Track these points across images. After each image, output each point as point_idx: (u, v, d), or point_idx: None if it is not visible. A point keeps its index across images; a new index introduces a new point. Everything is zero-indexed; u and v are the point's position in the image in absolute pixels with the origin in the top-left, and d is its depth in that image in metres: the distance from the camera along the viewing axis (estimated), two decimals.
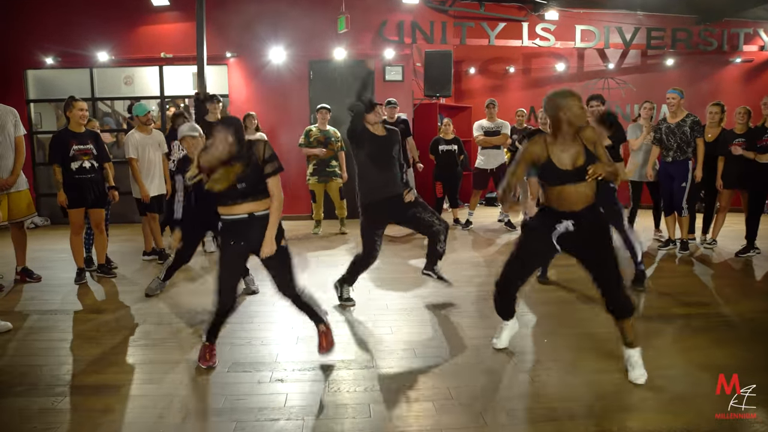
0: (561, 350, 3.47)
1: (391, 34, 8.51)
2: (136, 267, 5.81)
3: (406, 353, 3.43)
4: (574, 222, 2.97)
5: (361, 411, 2.71)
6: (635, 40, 8.92)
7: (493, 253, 6.33)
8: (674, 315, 4.08)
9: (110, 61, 8.32)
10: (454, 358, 3.36)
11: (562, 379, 3.06)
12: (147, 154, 5.89)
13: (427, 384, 3.01)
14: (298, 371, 3.19)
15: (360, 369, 3.21)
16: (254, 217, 3.07)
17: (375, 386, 2.98)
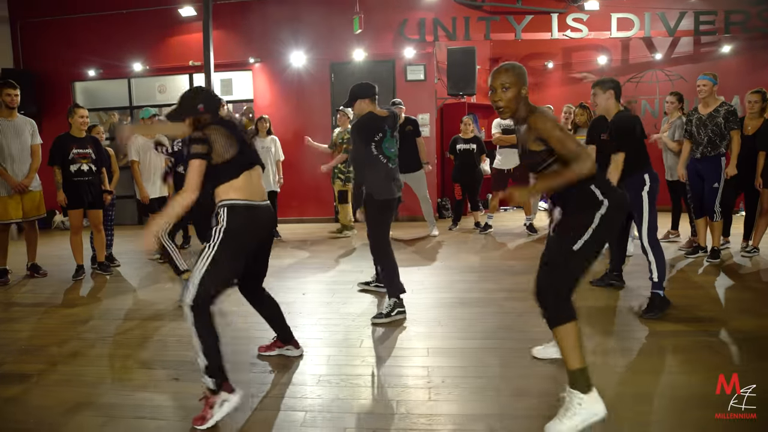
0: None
1: (412, 32, 8.31)
2: (138, 266, 6.00)
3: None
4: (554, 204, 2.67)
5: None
6: (681, 26, 8.13)
7: (496, 258, 5.95)
8: (654, 332, 3.59)
9: (145, 71, 8.75)
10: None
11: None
12: (149, 156, 6.07)
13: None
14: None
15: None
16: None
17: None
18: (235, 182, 2.64)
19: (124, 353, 3.43)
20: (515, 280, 4.93)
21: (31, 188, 5.43)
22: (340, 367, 3.11)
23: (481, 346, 3.36)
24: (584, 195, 2.45)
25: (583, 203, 2.45)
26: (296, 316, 3.99)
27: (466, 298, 4.39)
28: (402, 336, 3.58)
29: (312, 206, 8.54)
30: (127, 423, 2.54)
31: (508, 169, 7.17)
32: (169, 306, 4.40)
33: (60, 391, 2.90)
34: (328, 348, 3.39)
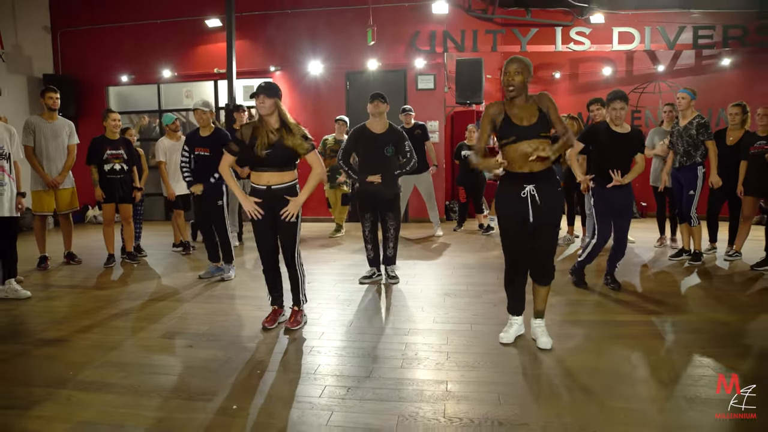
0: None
1: (423, 44, 8.79)
2: (162, 257, 6.58)
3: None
4: (535, 186, 3.22)
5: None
6: (681, 39, 8.44)
7: (492, 257, 6.38)
8: (612, 321, 4.00)
9: (173, 77, 9.40)
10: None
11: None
12: (174, 158, 6.65)
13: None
14: (207, 341, 3.62)
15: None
16: (271, 189, 3.64)
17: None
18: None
19: (145, 326, 3.97)
20: (500, 275, 5.35)
21: (64, 186, 6.04)
22: (330, 341, 3.60)
23: (454, 329, 3.81)
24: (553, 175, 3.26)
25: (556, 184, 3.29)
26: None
27: (451, 290, 4.84)
28: (389, 318, 4.06)
29: (314, 207, 8.97)
30: (143, 377, 3.06)
31: None
32: (188, 289, 4.95)
33: (90, 352, 3.45)
34: (321, 327, 3.87)
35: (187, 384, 2.97)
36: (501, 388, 2.87)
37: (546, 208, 3.24)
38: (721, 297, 4.56)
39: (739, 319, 3.99)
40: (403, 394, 2.82)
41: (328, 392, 2.85)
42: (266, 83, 3.65)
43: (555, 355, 3.29)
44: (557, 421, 2.51)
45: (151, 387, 2.92)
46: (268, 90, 3.59)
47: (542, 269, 3.37)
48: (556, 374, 3.03)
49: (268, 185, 3.65)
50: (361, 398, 2.78)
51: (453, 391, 2.84)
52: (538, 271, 3.39)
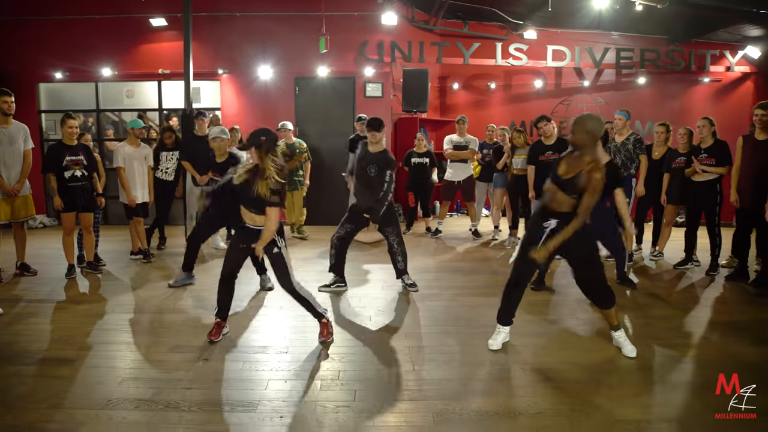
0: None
1: (372, 53, 9.12)
2: (123, 265, 6.49)
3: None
4: (558, 221, 3.56)
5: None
6: (605, 59, 9.37)
7: (448, 260, 6.85)
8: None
9: (113, 76, 9.09)
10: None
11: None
12: (134, 165, 6.57)
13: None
14: (219, 352, 3.80)
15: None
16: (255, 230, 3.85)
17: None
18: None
19: (150, 340, 4.05)
20: (466, 279, 5.85)
21: (21, 193, 5.82)
22: (296, 361, 3.89)
23: (442, 331, 4.22)
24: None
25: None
26: (288, 309, 4.71)
27: (425, 294, 5.25)
28: (373, 321, 4.40)
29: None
30: (176, 392, 3.21)
31: (458, 181, 8.11)
32: (171, 301, 5.01)
33: (106, 370, 3.52)
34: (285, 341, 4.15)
35: (224, 395, 3.16)
36: (511, 382, 3.31)
37: (572, 244, 3.57)
38: (658, 294, 5.29)
39: (677, 313, 4.71)
40: (428, 393, 3.18)
41: (360, 396, 3.16)
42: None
43: (530, 352, 3.79)
44: (566, 408, 2.98)
45: (190, 401, 3.09)
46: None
47: (598, 296, 3.72)
48: (541, 368, 3.52)
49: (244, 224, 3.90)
50: (391, 399, 3.11)
51: (470, 387, 3.24)
52: (596, 299, 3.75)
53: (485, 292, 5.32)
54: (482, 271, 6.23)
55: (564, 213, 3.55)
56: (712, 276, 5.97)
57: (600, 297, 3.73)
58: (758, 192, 5.31)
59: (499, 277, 5.97)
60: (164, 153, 7.20)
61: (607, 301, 3.72)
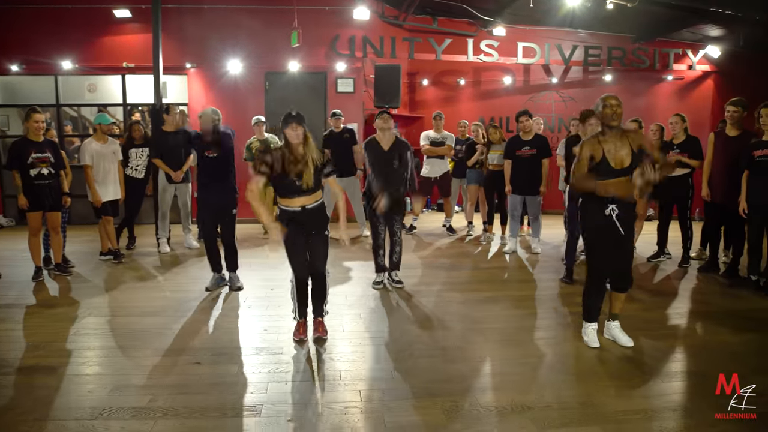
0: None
1: (343, 48, 9.02)
2: (92, 266, 6.22)
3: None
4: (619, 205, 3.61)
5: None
6: (574, 57, 9.54)
7: (428, 256, 6.85)
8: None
9: (74, 70, 8.70)
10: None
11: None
12: (103, 162, 6.29)
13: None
14: (212, 355, 3.67)
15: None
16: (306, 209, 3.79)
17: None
18: None
19: (133, 344, 3.88)
20: (450, 275, 5.86)
21: None
22: (293, 361, 3.81)
23: (436, 327, 4.21)
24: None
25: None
26: (276, 308, 4.61)
27: (412, 291, 5.22)
28: (364, 320, 4.35)
29: (246, 207, 8.92)
30: (172, 398, 3.08)
31: (434, 177, 8.11)
32: (149, 302, 4.82)
33: (94, 377, 3.36)
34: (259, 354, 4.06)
35: (224, 400, 3.05)
36: (514, 377, 3.32)
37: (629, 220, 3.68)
38: (636, 286, 5.41)
39: (658, 304, 4.83)
40: (434, 390, 3.15)
41: (366, 396, 3.10)
42: (297, 112, 3.80)
43: (534, 344, 3.82)
44: (573, 401, 3.00)
45: (189, 408, 2.97)
46: (300, 118, 3.76)
47: (626, 277, 3.77)
48: (545, 360, 3.55)
49: (303, 206, 3.80)
50: (398, 398, 3.07)
51: (475, 383, 3.23)
52: (623, 279, 3.77)
53: (470, 288, 5.35)
54: (464, 267, 6.26)
55: (622, 198, 3.62)
56: (684, 268, 6.16)
57: (627, 277, 3.79)
58: (730, 186, 5.50)
59: (481, 272, 6.02)
60: (133, 150, 6.94)
61: (629, 281, 3.81)
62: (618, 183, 3.56)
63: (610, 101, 3.66)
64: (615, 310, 3.91)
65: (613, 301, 3.90)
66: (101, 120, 6.43)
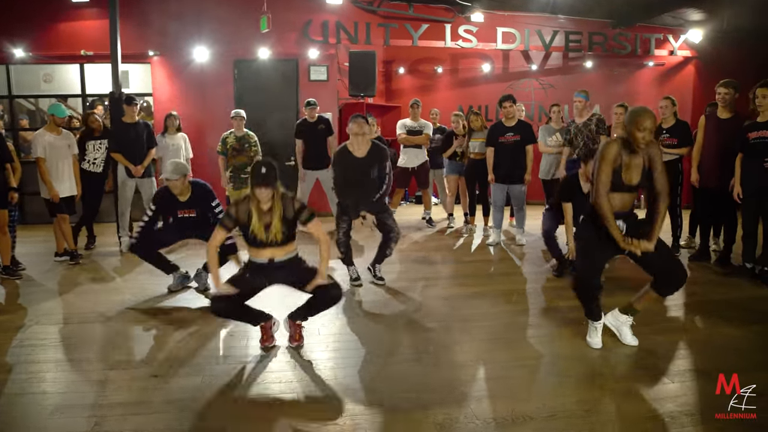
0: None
1: (316, 34, 8.59)
2: (46, 268, 5.72)
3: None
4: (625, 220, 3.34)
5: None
6: (554, 42, 9.25)
7: (408, 250, 6.50)
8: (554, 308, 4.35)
9: (28, 58, 8.12)
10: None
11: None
12: (57, 155, 5.80)
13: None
14: (171, 367, 3.27)
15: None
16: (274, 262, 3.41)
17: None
18: None
19: (84, 356, 3.46)
20: (432, 270, 5.52)
21: None
22: (262, 371, 3.44)
23: (420, 329, 3.86)
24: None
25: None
26: None
27: (394, 288, 4.87)
28: (341, 322, 3.99)
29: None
30: (124, 419, 2.68)
31: (412, 167, 7.76)
32: (106, 307, 4.38)
33: (34, 397, 2.93)
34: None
35: (184, 421, 2.66)
36: (511, 382, 2.99)
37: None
38: (628, 277, 5.15)
39: None
40: (423, 401, 2.81)
41: (347, 411, 2.74)
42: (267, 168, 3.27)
43: (534, 345, 3.49)
44: (578, 408, 2.69)
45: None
46: (268, 179, 3.24)
47: (673, 281, 3.36)
48: (545, 362, 3.23)
49: (272, 259, 3.42)
50: (384, 411, 2.72)
51: (468, 391, 2.90)
52: (671, 287, 3.38)
53: (455, 283, 5.05)
54: (447, 260, 5.93)
55: (626, 212, 3.36)
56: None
57: (675, 281, 3.38)
58: (724, 171, 5.26)
59: (465, 266, 5.70)
60: (91, 142, 6.45)
61: (677, 286, 3.41)
62: (622, 197, 3.31)
63: (645, 123, 3.12)
64: (638, 306, 3.51)
65: (645, 299, 3.48)
66: (55, 111, 5.91)
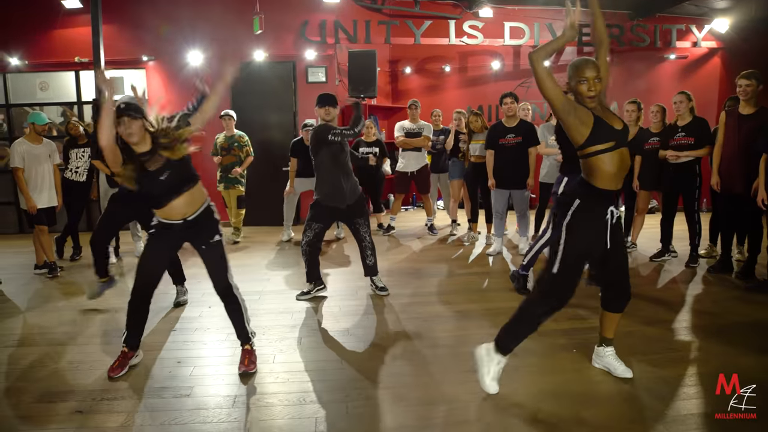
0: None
1: (313, 34, 8.28)
2: (23, 282, 5.52)
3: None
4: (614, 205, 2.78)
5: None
6: None
7: (399, 261, 6.11)
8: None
9: (24, 66, 8.03)
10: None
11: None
12: (36, 165, 5.62)
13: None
14: (101, 400, 2.95)
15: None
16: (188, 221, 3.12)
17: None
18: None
19: (16, 385, 3.17)
20: (419, 284, 5.11)
21: None
22: (262, 385, 3.09)
23: (395, 354, 3.47)
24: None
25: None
26: (203, 332, 3.91)
27: (369, 304, 4.50)
28: (314, 347, 3.62)
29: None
30: None
31: (411, 172, 7.37)
32: (66, 329, 4.11)
33: None
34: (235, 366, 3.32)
35: None
36: (482, 425, 2.57)
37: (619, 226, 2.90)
38: (636, 293, 4.64)
39: (661, 316, 4.06)
40: None
41: None
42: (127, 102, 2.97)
43: (516, 380, 3.06)
44: None
45: None
46: (130, 109, 2.93)
47: (624, 292, 2.94)
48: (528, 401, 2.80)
49: (185, 218, 3.11)
50: None
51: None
52: (621, 296, 2.94)
53: (439, 300, 4.61)
54: (437, 274, 5.50)
55: (617, 190, 2.80)
56: (692, 268, 5.40)
57: (626, 293, 2.94)
58: (747, 172, 4.72)
59: (456, 279, 5.28)
60: (74, 150, 6.26)
61: (627, 300, 2.97)
62: (622, 155, 2.72)
63: (586, 72, 2.75)
64: (609, 333, 3.09)
65: (606, 323, 3.08)
66: (35, 119, 5.73)
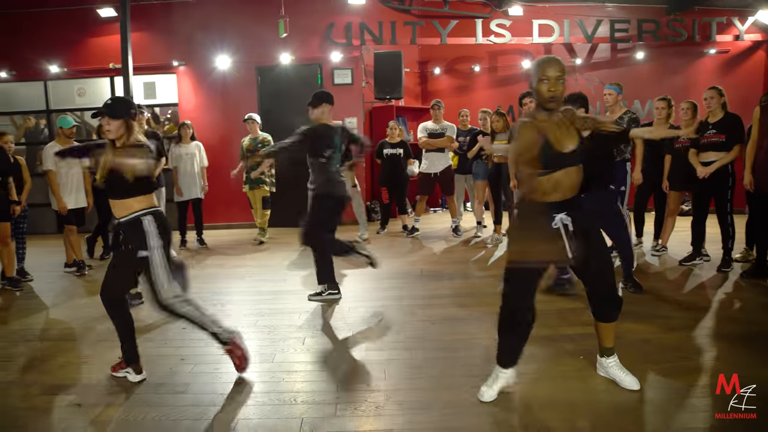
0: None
1: (339, 36, 8.31)
2: (53, 280, 5.73)
3: None
4: (567, 213, 2.62)
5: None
6: (598, 33, 8.48)
7: (418, 263, 6.04)
8: (557, 336, 3.75)
9: (63, 73, 8.38)
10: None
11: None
12: (66, 167, 5.83)
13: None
14: (104, 395, 3.01)
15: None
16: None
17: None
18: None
19: (21, 379, 3.27)
20: (434, 286, 5.03)
21: None
22: (257, 384, 3.09)
23: (389, 357, 3.41)
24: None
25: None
26: None
27: (377, 306, 4.45)
28: (316, 347, 3.60)
29: (237, 212, 8.30)
30: None
31: (435, 173, 7.29)
32: (83, 324, 4.23)
33: None
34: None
35: None
36: (476, 424, 2.50)
37: (592, 231, 2.74)
38: (663, 297, 4.45)
39: (685, 323, 3.85)
40: None
41: None
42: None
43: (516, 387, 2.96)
44: None
45: None
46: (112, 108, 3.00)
47: (610, 302, 2.81)
48: (527, 411, 2.70)
49: (119, 219, 3.12)
50: None
51: None
52: (607, 306, 2.81)
53: (453, 303, 4.49)
54: (455, 276, 5.40)
55: (570, 199, 2.63)
56: (725, 273, 5.11)
57: (612, 303, 2.80)
58: None
59: (471, 282, 5.17)
60: None
61: (617, 308, 2.82)
62: (565, 175, 2.60)
63: (548, 71, 2.56)
64: (607, 343, 2.91)
65: (601, 334, 2.90)
66: (62, 123, 5.97)
